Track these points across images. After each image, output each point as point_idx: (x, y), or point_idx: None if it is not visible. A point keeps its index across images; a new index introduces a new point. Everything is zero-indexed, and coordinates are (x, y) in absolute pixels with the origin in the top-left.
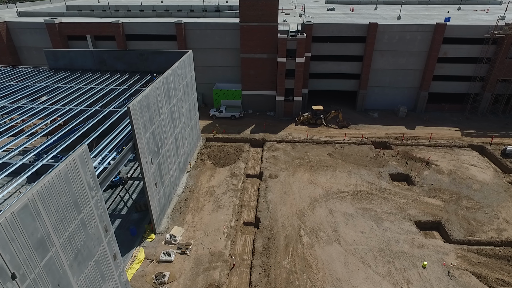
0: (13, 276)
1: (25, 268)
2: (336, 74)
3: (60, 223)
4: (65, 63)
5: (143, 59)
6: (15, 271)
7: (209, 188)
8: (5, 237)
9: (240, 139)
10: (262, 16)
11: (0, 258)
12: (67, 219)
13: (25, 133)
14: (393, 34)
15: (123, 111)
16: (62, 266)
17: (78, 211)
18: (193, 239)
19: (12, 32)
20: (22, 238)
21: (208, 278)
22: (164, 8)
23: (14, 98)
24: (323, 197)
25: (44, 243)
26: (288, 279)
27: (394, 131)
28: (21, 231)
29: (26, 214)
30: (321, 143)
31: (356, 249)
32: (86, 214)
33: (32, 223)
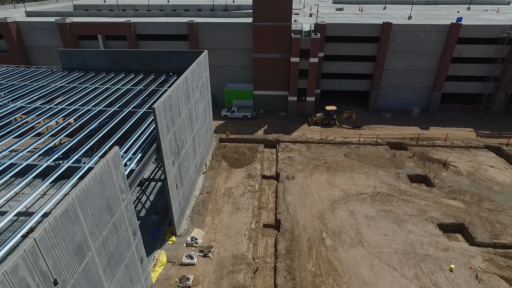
0: (55, 282)
1: (66, 274)
2: (348, 74)
3: (95, 227)
4: (78, 63)
5: (157, 59)
6: (57, 277)
7: (227, 190)
8: (48, 242)
9: (253, 139)
10: (276, 16)
11: (44, 264)
12: (101, 223)
13: (46, 134)
14: (407, 34)
15: (143, 111)
16: (97, 271)
17: (111, 214)
18: (215, 242)
19: (22, 31)
20: (63, 243)
21: (233, 282)
22: (172, 8)
23: (31, 99)
24: (343, 199)
25: (82, 248)
26: (314, 282)
27: (408, 131)
28: (62, 236)
29: (67, 219)
30: (336, 143)
31: (380, 252)
32: (118, 218)
33: (72, 228)
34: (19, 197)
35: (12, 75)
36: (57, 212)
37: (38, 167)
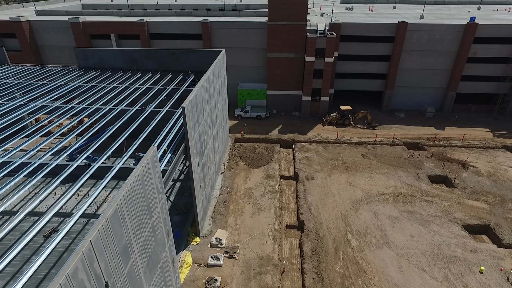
0: (107, 285)
1: (114, 276)
2: (362, 74)
3: (138, 228)
4: (95, 62)
5: (174, 58)
6: (108, 279)
7: (247, 190)
8: (101, 244)
9: (269, 139)
10: (291, 15)
11: (98, 267)
12: (143, 224)
13: (73, 133)
14: (422, 33)
15: (166, 111)
16: (139, 273)
17: (150, 215)
18: (239, 243)
19: (35, 30)
20: (113, 245)
21: (261, 283)
22: (180, 7)
23: (50, 98)
24: (364, 200)
25: (127, 250)
26: (344, 284)
27: (424, 131)
28: (112, 237)
29: (116, 220)
30: (352, 144)
31: (407, 253)
32: (155, 219)
33: (119, 229)
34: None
35: (28, 74)
36: (108, 213)
37: (68, 167)
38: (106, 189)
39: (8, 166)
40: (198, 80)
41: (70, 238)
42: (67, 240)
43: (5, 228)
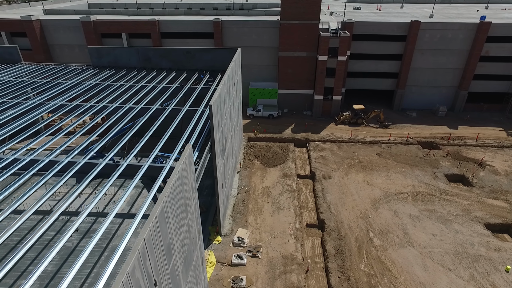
0: (155, 284)
1: (161, 275)
2: (374, 73)
3: (177, 227)
4: (109, 60)
5: (189, 57)
6: (156, 279)
7: (264, 189)
8: (152, 242)
9: (282, 138)
10: (304, 14)
11: (149, 265)
12: (181, 223)
13: (96, 132)
14: (435, 32)
15: (186, 109)
16: (178, 272)
17: (186, 214)
18: (261, 242)
19: (45, 29)
20: (160, 243)
21: (287, 282)
22: (187, 6)
23: (69, 96)
24: (383, 198)
25: (170, 249)
26: (370, 283)
27: (437, 131)
28: (160, 236)
29: (162, 218)
30: (367, 143)
31: (431, 252)
32: (190, 217)
33: (165, 228)
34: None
35: (43, 73)
36: (157, 211)
37: (98, 165)
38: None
39: (36, 165)
40: (214, 79)
41: (103, 238)
42: (101, 240)
43: (41, 228)
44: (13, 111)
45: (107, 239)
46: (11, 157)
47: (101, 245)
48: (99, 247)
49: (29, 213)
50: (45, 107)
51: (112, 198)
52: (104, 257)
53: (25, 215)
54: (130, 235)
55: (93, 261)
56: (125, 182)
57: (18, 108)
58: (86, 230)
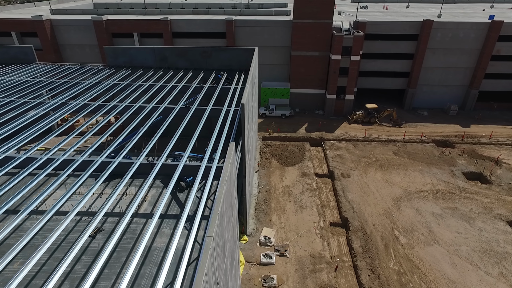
0: (218, 282)
1: (218, 274)
2: (385, 72)
3: (227, 226)
4: (124, 60)
5: (206, 56)
6: (218, 278)
7: (285, 188)
8: (219, 241)
9: (297, 138)
10: (318, 14)
11: (215, 263)
12: (229, 221)
13: (124, 132)
14: (447, 31)
15: (210, 108)
16: (227, 271)
17: (232, 212)
18: (287, 241)
19: (56, 29)
20: (220, 242)
21: (318, 281)
22: (193, 6)
23: (90, 96)
24: (404, 197)
25: (224, 248)
26: (400, 280)
27: (450, 129)
28: (220, 234)
29: (222, 217)
30: (381, 141)
31: (458, 249)
32: (234, 216)
33: (221, 226)
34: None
35: (59, 73)
36: (218, 210)
37: (133, 165)
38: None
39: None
40: (231, 78)
41: (116, 238)
42: (113, 240)
43: (59, 228)
44: (36, 111)
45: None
46: (45, 157)
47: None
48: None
49: (73, 213)
50: (67, 107)
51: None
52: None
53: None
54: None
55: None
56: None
57: (40, 108)
58: (95, 230)
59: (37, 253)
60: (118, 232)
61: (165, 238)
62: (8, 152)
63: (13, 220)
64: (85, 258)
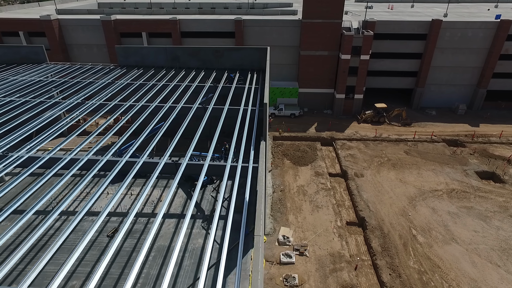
0: None
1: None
2: (393, 71)
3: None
4: (136, 60)
5: (218, 56)
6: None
7: (299, 188)
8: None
9: (308, 137)
10: (327, 13)
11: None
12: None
13: (145, 132)
14: (455, 31)
15: (227, 108)
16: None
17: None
18: (306, 240)
19: (64, 29)
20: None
21: (339, 280)
22: (198, 6)
23: (105, 96)
24: (419, 196)
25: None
26: (421, 279)
27: (459, 128)
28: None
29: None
30: (392, 141)
31: (476, 248)
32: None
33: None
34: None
35: (71, 72)
36: (261, 209)
37: (158, 165)
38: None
39: (96, 165)
40: (244, 78)
41: (134, 238)
42: (132, 240)
43: (68, 228)
44: (53, 112)
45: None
46: (68, 157)
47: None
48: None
49: (104, 214)
50: (84, 107)
51: (173, 197)
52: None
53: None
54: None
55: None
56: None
57: (56, 108)
58: (113, 230)
59: (73, 254)
60: (152, 232)
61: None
62: (31, 153)
63: (45, 221)
64: (120, 259)
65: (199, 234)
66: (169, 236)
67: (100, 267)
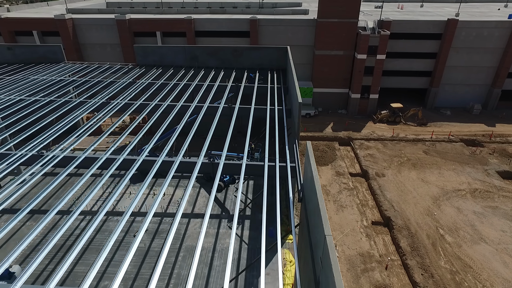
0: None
1: None
2: (407, 71)
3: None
4: (154, 59)
5: (237, 55)
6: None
7: (322, 187)
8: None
9: (325, 137)
10: (343, 12)
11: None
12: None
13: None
14: (471, 30)
15: (253, 107)
16: None
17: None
18: (334, 240)
19: (77, 28)
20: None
21: (372, 280)
22: (207, 5)
23: (129, 96)
24: (442, 196)
25: None
26: (454, 279)
27: (476, 128)
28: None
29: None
30: (409, 140)
31: (506, 248)
32: None
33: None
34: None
35: (90, 72)
36: (324, 207)
37: (196, 165)
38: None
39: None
40: (264, 77)
41: (161, 238)
42: (159, 240)
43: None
44: (80, 111)
45: (162, 238)
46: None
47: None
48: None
49: (128, 214)
50: (110, 106)
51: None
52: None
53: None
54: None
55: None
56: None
57: (82, 107)
58: None
59: (101, 254)
60: (179, 233)
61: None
62: (66, 152)
63: (69, 220)
64: (149, 260)
65: (226, 234)
66: (196, 236)
67: (128, 268)
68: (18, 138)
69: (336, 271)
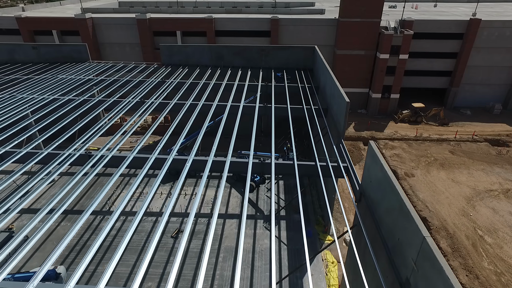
0: None
1: None
2: (427, 71)
3: None
4: (179, 58)
5: (263, 55)
6: None
7: None
8: None
9: (348, 137)
10: (365, 12)
11: None
12: None
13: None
14: (493, 30)
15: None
16: None
17: None
18: None
19: (97, 28)
20: None
21: None
22: (219, 5)
23: (163, 95)
24: (475, 196)
25: None
26: (500, 281)
27: (498, 128)
28: None
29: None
30: (434, 140)
31: None
32: None
33: None
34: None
35: (117, 71)
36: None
37: (249, 164)
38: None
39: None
40: (292, 77)
41: (198, 239)
42: (197, 241)
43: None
44: (117, 110)
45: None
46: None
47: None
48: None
49: (166, 214)
50: (145, 106)
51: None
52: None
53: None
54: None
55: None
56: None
57: (118, 107)
58: (176, 231)
59: (143, 255)
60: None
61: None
62: (103, 151)
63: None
64: (189, 261)
65: (263, 234)
66: (233, 236)
67: (173, 269)
68: (63, 137)
69: (449, 272)
